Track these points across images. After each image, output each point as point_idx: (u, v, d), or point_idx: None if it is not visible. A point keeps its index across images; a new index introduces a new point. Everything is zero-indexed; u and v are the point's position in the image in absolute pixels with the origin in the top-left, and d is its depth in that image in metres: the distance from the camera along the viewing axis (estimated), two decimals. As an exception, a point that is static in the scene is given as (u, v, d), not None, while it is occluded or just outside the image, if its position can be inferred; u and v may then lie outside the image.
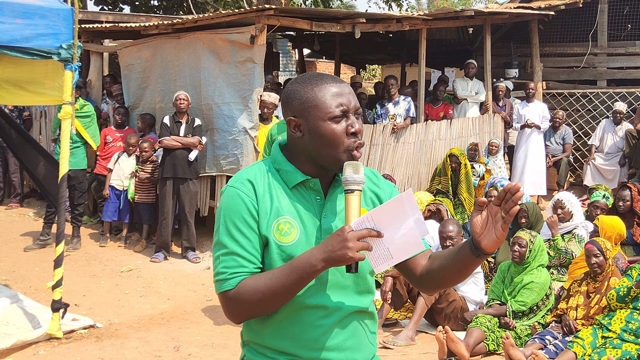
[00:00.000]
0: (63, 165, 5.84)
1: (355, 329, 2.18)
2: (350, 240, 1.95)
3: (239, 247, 2.08)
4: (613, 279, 5.80)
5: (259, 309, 2.09)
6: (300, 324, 2.11)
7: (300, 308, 2.11)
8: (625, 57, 12.66)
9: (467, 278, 2.23)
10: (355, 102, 2.13)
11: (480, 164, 10.35)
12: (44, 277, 7.35)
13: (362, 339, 2.20)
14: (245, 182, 2.15)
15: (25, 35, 5.45)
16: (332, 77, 2.18)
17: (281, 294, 2.04)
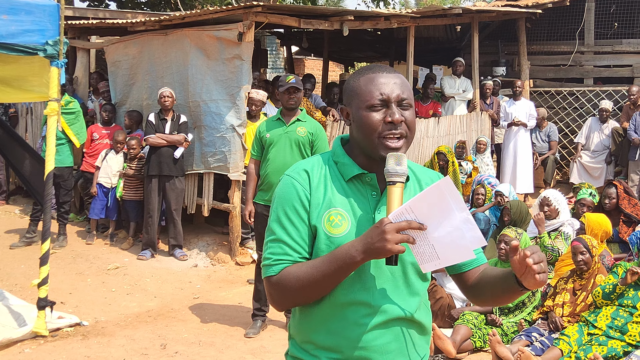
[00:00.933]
0: (49, 162, 5.81)
1: (399, 335, 2.13)
2: (389, 232, 1.93)
3: (286, 235, 2.11)
4: (599, 276, 5.83)
5: (300, 297, 2.11)
6: (344, 320, 2.10)
7: (345, 304, 2.10)
8: (611, 55, 12.72)
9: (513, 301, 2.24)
10: (399, 93, 2.11)
11: (468, 161, 10.38)
12: (29, 275, 7.31)
13: (407, 347, 2.15)
14: (301, 172, 2.17)
15: (11, 31, 5.41)
16: (383, 67, 2.18)
17: (321, 283, 2.05)
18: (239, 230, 8.62)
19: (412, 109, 2.14)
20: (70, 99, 9.20)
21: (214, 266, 8.49)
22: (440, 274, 6.52)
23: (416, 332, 2.18)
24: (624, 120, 11.17)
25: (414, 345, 2.17)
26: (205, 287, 7.73)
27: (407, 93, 2.13)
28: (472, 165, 10.39)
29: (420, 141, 10.75)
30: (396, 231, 1.93)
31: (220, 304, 7.14)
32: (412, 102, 2.14)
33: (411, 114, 2.13)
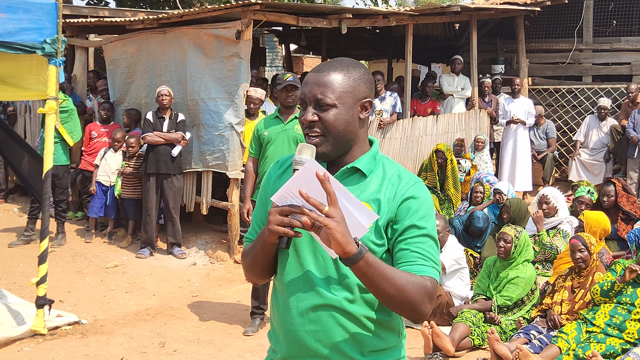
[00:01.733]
0: (47, 160, 5.81)
1: (327, 325, 2.16)
2: (271, 214, 2.01)
3: (253, 217, 2.39)
4: (597, 274, 5.83)
5: (249, 271, 2.31)
6: (283, 302, 2.23)
7: (283, 288, 2.23)
8: (610, 53, 12.73)
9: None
10: (316, 93, 2.13)
11: (467, 159, 10.39)
12: (28, 273, 7.31)
13: (335, 339, 2.16)
14: (276, 163, 2.39)
15: (9, 29, 5.40)
16: (323, 65, 2.20)
17: (252, 259, 2.23)
18: (238, 229, 8.62)
19: (333, 109, 2.13)
20: (64, 97, 9.16)
21: (213, 264, 8.50)
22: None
23: (352, 324, 2.16)
24: (622, 117, 11.18)
25: (347, 337, 2.16)
26: (203, 286, 7.73)
27: (330, 92, 2.13)
28: (470, 163, 10.39)
29: (419, 139, 10.75)
30: (278, 214, 1.99)
31: (219, 302, 7.15)
32: (336, 102, 2.13)
33: (332, 115, 2.13)
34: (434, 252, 2.14)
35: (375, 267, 1.99)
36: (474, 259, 7.55)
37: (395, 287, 2.01)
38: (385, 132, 10.13)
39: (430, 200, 2.19)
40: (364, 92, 2.19)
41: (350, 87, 2.16)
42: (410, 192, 2.14)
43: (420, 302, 2.05)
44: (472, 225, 7.89)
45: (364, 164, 2.20)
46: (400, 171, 2.22)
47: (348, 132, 2.16)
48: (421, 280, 2.06)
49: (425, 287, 2.06)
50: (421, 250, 2.11)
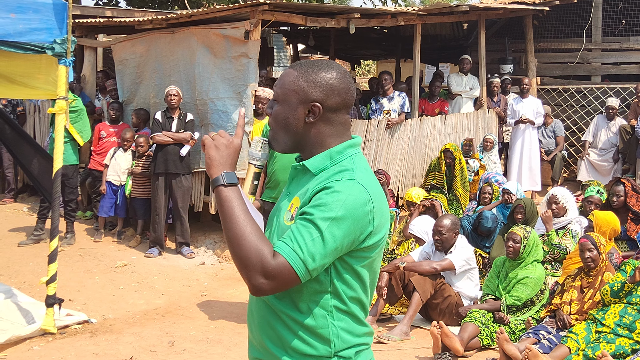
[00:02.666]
0: (57, 160, 5.83)
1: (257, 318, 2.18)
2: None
3: None
4: (607, 274, 5.81)
5: None
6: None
7: None
8: (619, 52, 12.68)
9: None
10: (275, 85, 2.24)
11: (475, 159, 10.37)
12: (38, 273, 7.34)
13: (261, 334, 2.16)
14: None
15: (19, 29, 5.43)
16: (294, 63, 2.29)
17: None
18: (246, 228, 8.61)
19: (279, 104, 2.21)
20: (73, 97, 9.20)
21: (221, 264, 8.51)
22: (449, 272, 6.52)
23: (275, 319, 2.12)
24: (631, 117, 11.13)
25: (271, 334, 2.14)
26: (212, 285, 7.75)
27: (279, 88, 2.21)
28: (479, 163, 10.37)
29: (427, 139, 10.73)
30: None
31: (227, 302, 7.16)
32: (281, 97, 2.20)
33: (276, 110, 2.22)
34: (308, 240, 1.97)
35: (227, 203, 2.02)
36: (483, 259, 7.53)
37: (234, 233, 1.98)
38: (393, 131, 10.12)
39: (346, 198, 2.02)
40: (315, 96, 2.15)
41: (298, 87, 2.16)
42: (326, 184, 2.05)
43: (247, 266, 1.95)
44: (480, 226, 7.87)
45: (313, 162, 2.17)
46: (346, 168, 2.13)
47: (289, 129, 2.18)
48: (263, 250, 1.96)
49: (263, 258, 1.94)
50: (295, 232, 1.99)
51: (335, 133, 2.20)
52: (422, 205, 8.31)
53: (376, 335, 5.99)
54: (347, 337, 2.13)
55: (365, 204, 2.04)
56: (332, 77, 2.17)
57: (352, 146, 2.21)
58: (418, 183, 10.47)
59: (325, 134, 2.19)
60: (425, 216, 7.82)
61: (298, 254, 1.96)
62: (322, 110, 2.16)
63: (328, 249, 1.99)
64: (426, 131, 10.70)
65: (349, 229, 2.01)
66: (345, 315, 2.13)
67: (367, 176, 2.12)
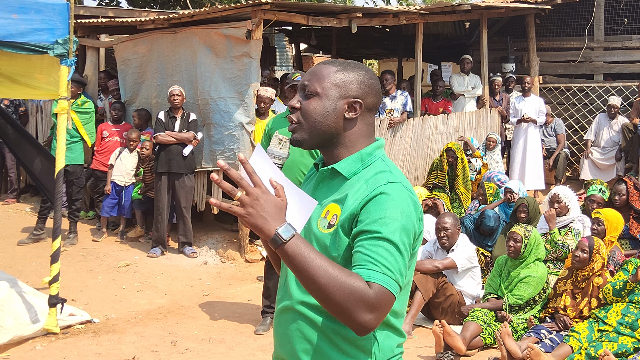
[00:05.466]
0: (59, 160, 5.83)
1: (290, 330, 2.11)
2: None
3: None
4: (597, 278, 5.77)
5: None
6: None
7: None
8: (621, 51, 12.66)
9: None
10: (304, 79, 2.14)
11: (477, 158, 10.36)
12: (40, 273, 7.35)
13: (294, 346, 2.10)
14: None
15: (21, 30, 5.44)
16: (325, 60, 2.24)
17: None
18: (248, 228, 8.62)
19: (315, 98, 2.09)
20: (86, 99, 9.27)
21: (224, 263, 8.52)
22: (451, 271, 6.52)
23: (313, 331, 2.07)
24: (634, 116, 11.12)
25: (307, 347, 2.07)
26: (215, 285, 7.75)
27: (316, 81, 2.10)
28: (481, 162, 10.37)
29: (430, 138, 10.74)
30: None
31: (230, 301, 7.16)
32: (320, 91, 2.09)
33: (311, 104, 2.09)
34: (390, 258, 1.89)
35: (298, 258, 1.83)
36: (485, 258, 7.53)
37: (318, 285, 1.82)
38: (395, 131, 10.13)
39: (401, 203, 1.97)
40: (355, 92, 2.11)
41: (340, 81, 2.11)
42: (377, 191, 1.98)
43: (349, 309, 1.82)
44: (483, 224, 7.87)
45: (344, 165, 2.11)
46: (382, 170, 2.08)
47: (325, 125, 2.09)
48: (358, 285, 1.82)
49: (362, 293, 1.82)
50: (372, 254, 1.89)
51: (366, 133, 2.16)
52: (424, 204, 8.30)
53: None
54: (387, 348, 2.08)
55: (415, 207, 2.02)
56: (370, 76, 2.16)
57: (379, 147, 2.17)
58: (420, 182, 10.48)
59: (359, 133, 2.14)
60: (428, 215, 7.82)
61: (390, 276, 1.87)
62: (362, 107, 2.13)
63: (406, 258, 1.95)
64: (428, 130, 10.70)
65: (410, 233, 1.98)
66: (386, 327, 2.07)
67: (404, 178, 2.09)
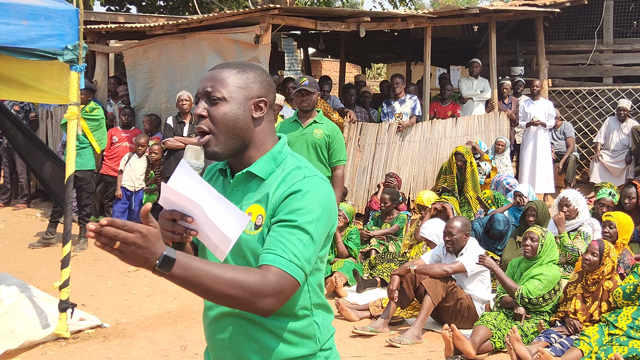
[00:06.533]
0: (69, 166, 5.86)
1: (234, 334, 2.13)
2: (159, 219, 2.00)
3: None
4: (607, 282, 5.75)
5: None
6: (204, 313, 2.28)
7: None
8: (631, 54, 12.63)
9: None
10: (205, 86, 2.10)
11: (486, 161, 10.35)
12: (51, 278, 7.37)
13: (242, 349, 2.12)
14: (206, 171, 2.35)
15: (31, 36, 5.47)
16: (218, 64, 2.19)
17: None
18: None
19: (223, 102, 2.08)
20: (95, 106, 9.31)
21: (233, 268, 8.52)
22: (460, 275, 6.50)
23: (259, 331, 2.10)
24: (644, 119, 11.09)
25: (255, 347, 2.10)
26: (224, 289, 7.75)
27: (220, 86, 2.09)
28: (490, 166, 10.35)
29: (438, 142, 10.73)
30: (164, 218, 1.98)
31: (239, 306, 7.16)
32: (227, 95, 2.08)
33: (220, 110, 2.08)
34: (300, 246, 1.96)
35: (188, 280, 1.88)
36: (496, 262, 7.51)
37: (218, 293, 1.88)
38: (404, 134, 10.13)
39: (319, 195, 2.04)
40: (258, 91, 2.13)
41: (243, 83, 2.11)
42: (295, 187, 2.03)
43: (250, 301, 1.89)
44: (492, 228, 7.85)
45: (259, 167, 2.12)
46: (297, 166, 2.11)
47: (238, 129, 2.09)
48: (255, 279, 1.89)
49: (260, 285, 1.88)
50: (284, 241, 1.95)
51: (271, 131, 2.20)
52: (433, 208, 8.29)
53: (388, 339, 5.99)
54: (325, 328, 2.18)
55: (332, 196, 2.09)
56: (267, 74, 2.20)
57: (285, 144, 2.21)
58: (429, 186, 10.46)
59: (265, 132, 2.17)
60: (437, 219, 7.80)
61: (297, 264, 1.94)
62: (267, 105, 2.16)
63: (317, 247, 2.03)
64: (437, 134, 10.69)
65: (328, 223, 2.06)
66: (320, 308, 2.17)
67: (318, 171, 2.13)
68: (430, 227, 7.47)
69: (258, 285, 1.88)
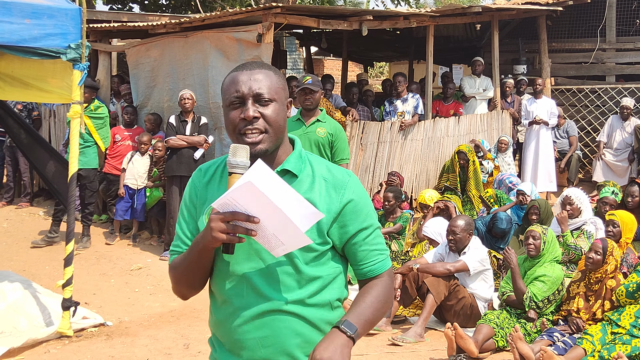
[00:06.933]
0: (72, 164, 5.87)
1: (277, 330, 2.14)
2: (212, 221, 1.98)
3: (179, 228, 2.30)
4: (610, 281, 5.74)
5: (180, 284, 2.28)
6: (225, 311, 2.21)
7: (223, 292, 2.19)
8: (633, 52, 12.61)
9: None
10: (256, 88, 2.12)
11: (489, 160, 10.34)
12: (54, 276, 7.39)
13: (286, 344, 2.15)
14: (197, 171, 2.35)
15: (34, 35, 5.48)
16: (249, 64, 2.20)
17: (186, 270, 2.20)
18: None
19: (274, 104, 2.13)
20: (99, 104, 9.33)
21: (236, 266, 8.52)
22: (463, 273, 6.50)
23: (305, 326, 2.16)
24: (647, 117, 11.08)
25: (299, 341, 2.16)
26: (227, 288, 7.76)
27: (268, 88, 2.13)
28: (493, 164, 10.34)
29: (441, 140, 10.72)
30: (220, 221, 1.97)
31: (242, 304, 7.17)
32: (275, 97, 2.14)
33: (272, 110, 2.13)
34: (381, 239, 2.27)
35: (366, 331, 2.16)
36: (497, 261, 7.51)
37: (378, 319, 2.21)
38: (406, 133, 10.12)
39: (364, 190, 2.24)
40: (287, 92, 2.23)
41: (282, 84, 2.19)
42: (351, 191, 2.17)
43: (389, 306, 2.27)
44: (495, 227, 7.85)
45: (292, 164, 2.18)
46: (329, 166, 2.23)
47: (282, 128, 2.17)
48: (382, 289, 2.22)
49: (386, 288, 2.23)
50: (378, 246, 2.24)
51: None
52: (435, 207, 8.29)
53: (390, 337, 5.99)
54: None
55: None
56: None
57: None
58: (432, 185, 10.46)
59: (286, 132, 2.26)
60: (439, 218, 7.81)
61: (387, 255, 2.29)
62: (291, 104, 2.27)
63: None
64: (439, 132, 10.68)
65: None
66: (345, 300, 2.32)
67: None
68: (433, 226, 7.47)
69: (391, 291, 2.26)
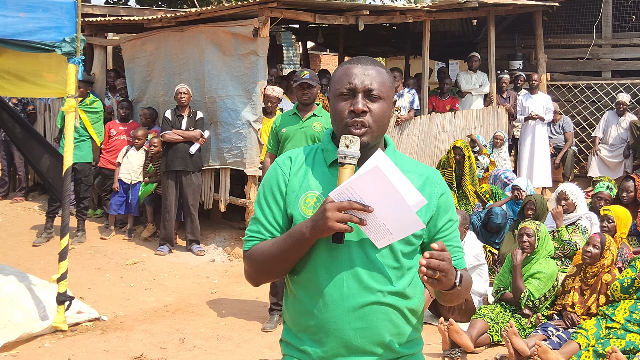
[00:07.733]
0: (67, 158, 5.85)
1: (375, 322, 2.16)
2: (329, 210, 1.99)
3: (262, 214, 2.26)
4: (606, 275, 5.76)
5: (264, 272, 2.27)
6: (321, 298, 2.17)
7: (320, 282, 2.16)
8: (629, 48, 12.60)
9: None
10: (368, 83, 2.15)
11: (484, 155, 10.34)
12: (49, 270, 7.37)
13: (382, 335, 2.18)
14: (286, 159, 2.31)
15: (29, 28, 5.46)
16: (364, 59, 2.23)
17: (280, 258, 2.17)
18: (256, 226, 8.64)
19: (382, 101, 2.17)
20: (95, 98, 9.31)
21: (231, 261, 8.53)
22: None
23: (400, 319, 2.21)
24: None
25: (395, 332, 2.21)
26: (222, 282, 7.77)
27: (379, 85, 2.16)
28: (488, 160, 10.34)
29: (437, 136, 10.72)
30: (337, 210, 1.99)
31: (237, 299, 7.18)
32: (384, 95, 2.17)
33: (379, 107, 2.16)
34: (459, 237, 2.36)
35: (464, 290, 2.21)
36: (493, 256, 7.52)
37: (462, 298, 2.26)
38: (402, 128, 10.12)
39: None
40: (394, 92, 2.27)
41: (392, 83, 2.24)
42: (443, 185, 2.30)
43: (462, 298, 2.30)
44: (490, 222, 7.86)
45: (396, 159, 2.27)
46: (413, 162, 2.33)
47: (385, 127, 2.22)
48: (468, 277, 2.29)
49: (469, 280, 2.31)
50: (458, 243, 2.31)
51: None
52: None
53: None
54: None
55: None
56: None
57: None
58: (427, 180, 10.44)
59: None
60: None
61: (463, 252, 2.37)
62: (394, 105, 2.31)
63: None
64: (435, 128, 10.68)
65: None
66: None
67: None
68: (428, 221, 7.47)
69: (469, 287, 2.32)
